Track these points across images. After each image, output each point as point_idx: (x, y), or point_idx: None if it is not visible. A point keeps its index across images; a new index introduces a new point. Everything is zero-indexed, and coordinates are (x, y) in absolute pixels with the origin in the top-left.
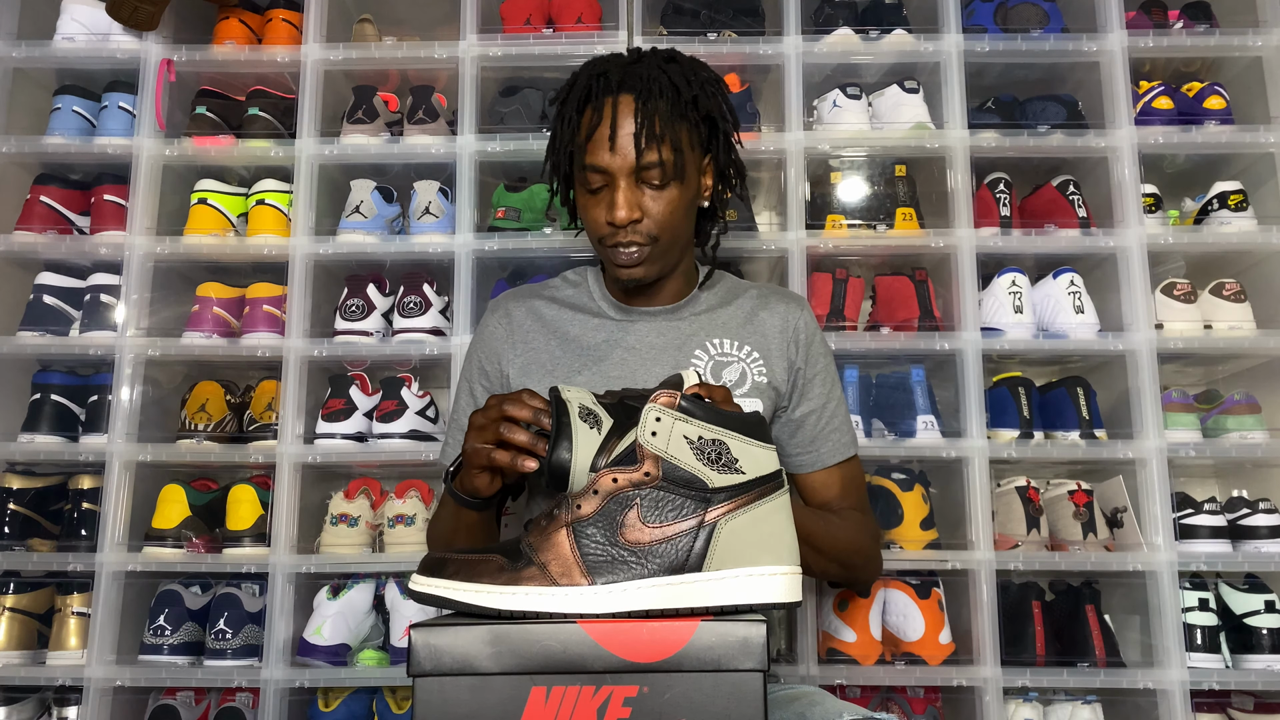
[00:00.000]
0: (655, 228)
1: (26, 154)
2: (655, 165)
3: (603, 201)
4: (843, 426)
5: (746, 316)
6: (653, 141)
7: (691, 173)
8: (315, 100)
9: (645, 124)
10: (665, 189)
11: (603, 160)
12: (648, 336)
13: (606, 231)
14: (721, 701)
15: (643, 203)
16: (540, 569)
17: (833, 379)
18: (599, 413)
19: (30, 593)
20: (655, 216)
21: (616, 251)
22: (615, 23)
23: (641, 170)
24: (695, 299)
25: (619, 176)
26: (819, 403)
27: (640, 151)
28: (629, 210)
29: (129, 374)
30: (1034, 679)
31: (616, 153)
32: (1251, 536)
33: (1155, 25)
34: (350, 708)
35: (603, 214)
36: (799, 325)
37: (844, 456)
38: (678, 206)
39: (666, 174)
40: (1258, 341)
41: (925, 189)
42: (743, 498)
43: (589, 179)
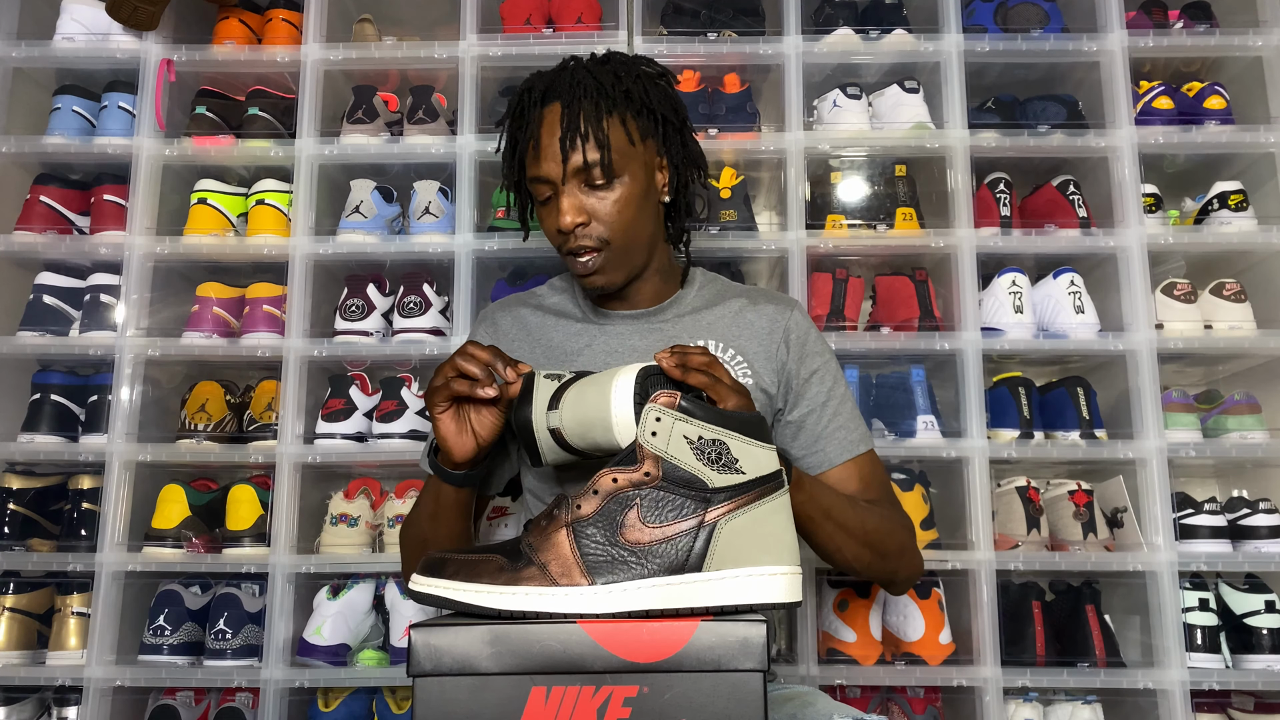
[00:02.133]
0: (605, 229)
1: (26, 154)
2: (585, 167)
3: (553, 210)
4: (849, 424)
5: (733, 318)
6: (578, 141)
7: (636, 169)
8: (315, 100)
9: (570, 126)
10: (608, 188)
11: (540, 170)
12: (629, 339)
13: (560, 240)
14: (721, 702)
15: (587, 205)
16: (540, 569)
17: (833, 377)
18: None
19: (30, 593)
20: (603, 218)
21: (574, 260)
22: (615, 23)
23: (576, 173)
24: (679, 300)
25: (558, 183)
26: (818, 401)
27: (567, 155)
28: (573, 215)
29: (129, 374)
30: (1034, 679)
31: (549, 159)
32: (1251, 536)
33: (1155, 25)
34: (350, 708)
35: (553, 223)
36: (788, 326)
37: (853, 453)
38: (626, 205)
39: (603, 172)
40: (1258, 341)
41: (925, 189)
42: (743, 498)
43: (536, 191)
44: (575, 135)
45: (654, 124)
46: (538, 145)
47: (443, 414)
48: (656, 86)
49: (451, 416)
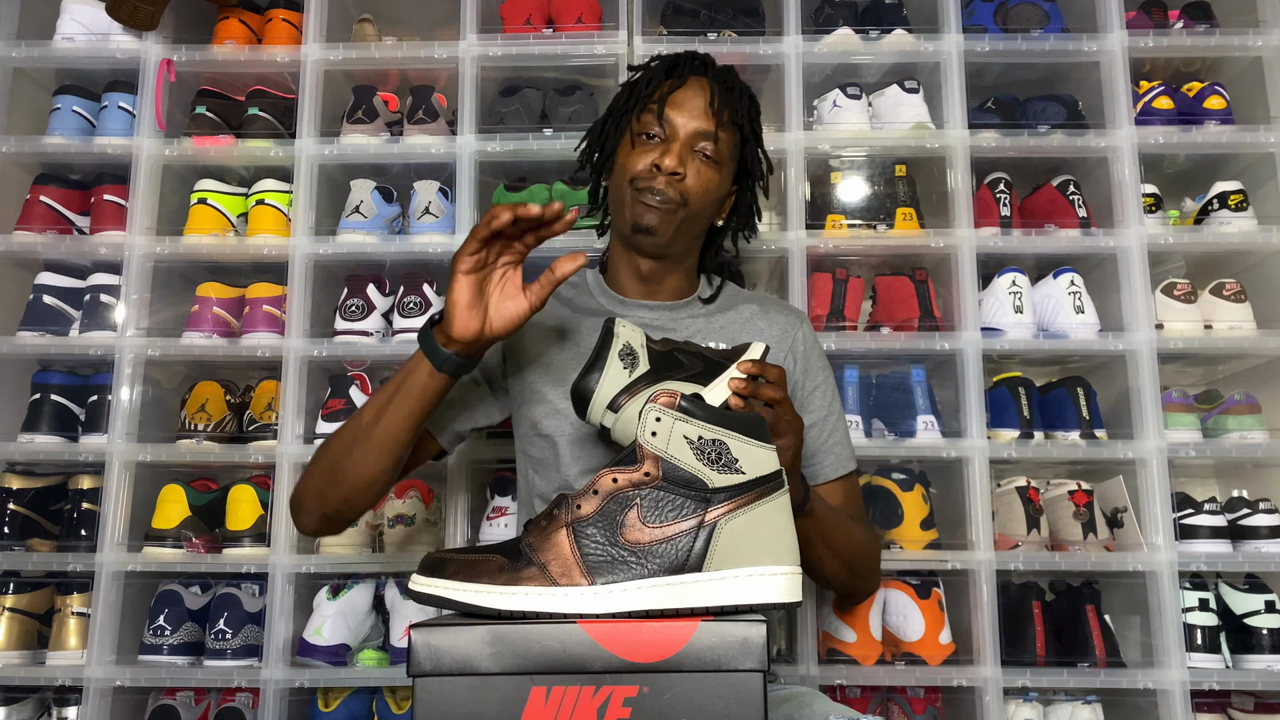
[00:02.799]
0: (689, 190)
1: (26, 154)
2: (711, 136)
3: (652, 150)
4: (843, 440)
5: (745, 324)
6: (725, 113)
7: (726, 173)
8: (315, 100)
9: (724, 105)
10: (710, 167)
11: (675, 115)
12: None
13: (646, 174)
14: (721, 702)
15: (689, 165)
16: (540, 569)
17: (832, 393)
18: (640, 355)
19: (30, 593)
20: (693, 183)
21: (646, 195)
22: (615, 23)
23: (701, 138)
24: (693, 304)
25: (680, 133)
26: (819, 416)
27: (709, 122)
28: (678, 162)
29: (129, 374)
30: (1034, 679)
31: (689, 113)
32: (1251, 536)
33: (1155, 25)
34: (350, 708)
35: (649, 159)
36: (798, 337)
37: (844, 471)
38: (712, 188)
39: (719, 152)
40: (1258, 341)
41: (925, 189)
42: (743, 498)
43: (650, 125)
44: (724, 108)
45: (750, 163)
46: (683, 95)
47: (468, 272)
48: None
49: (474, 281)
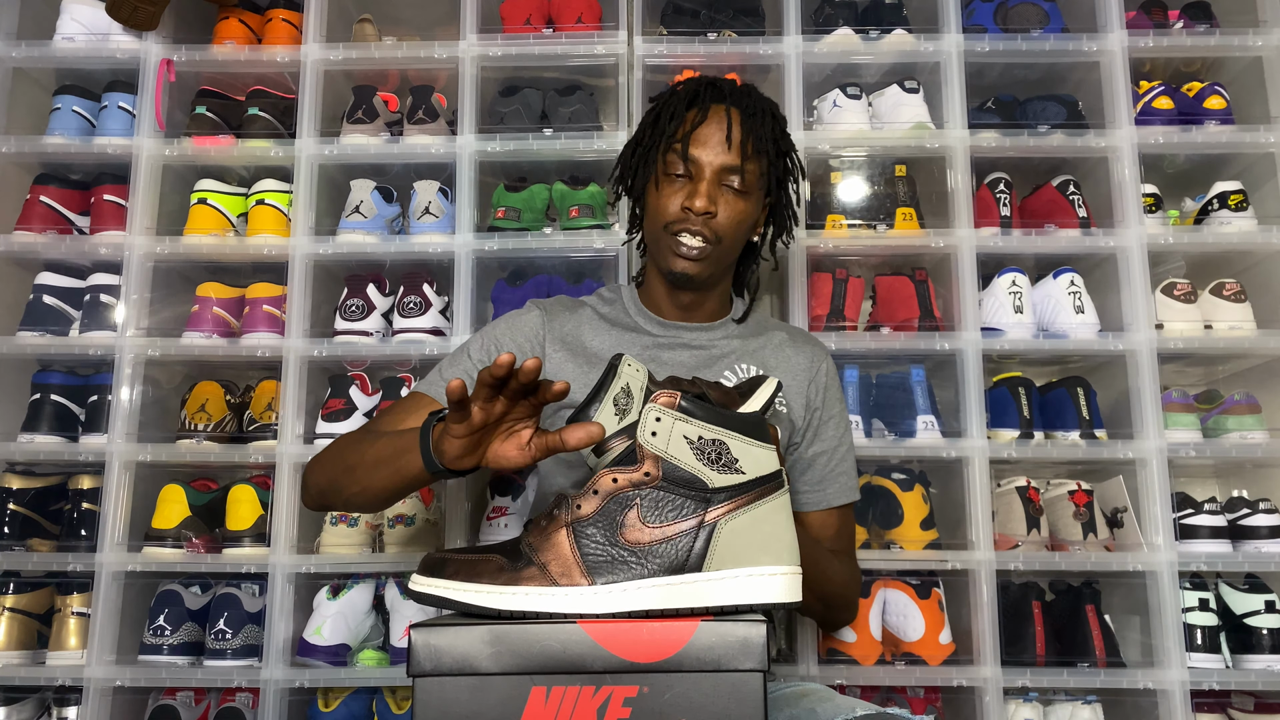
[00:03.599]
0: (722, 229)
1: (26, 154)
2: (743, 171)
3: (682, 190)
4: (850, 471)
5: (775, 350)
6: (747, 150)
7: (757, 197)
8: (315, 100)
9: (747, 134)
10: (741, 198)
11: (699, 153)
12: (680, 354)
13: (678, 217)
14: (721, 702)
15: (719, 202)
16: (540, 569)
17: (846, 424)
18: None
19: (30, 593)
20: (725, 218)
21: (679, 241)
22: (615, 23)
23: (727, 172)
24: (728, 325)
25: (707, 170)
26: (831, 444)
27: (733, 153)
28: (708, 202)
29: (129, 374)
30: (1034, 679)
31: (714, 148)
32: (1251, 536)
33: (1155, 25)
34: (350, 708)
35: (679, 200)
36: (821, 369)
37: (847, 500)
38: (744, 219)
39: (747, 183)
40: (1258, 341)
41: (925, 189)
42: (743, 498)
43: (676, 166)
44: (749, 140)
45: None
46: (706, 128)
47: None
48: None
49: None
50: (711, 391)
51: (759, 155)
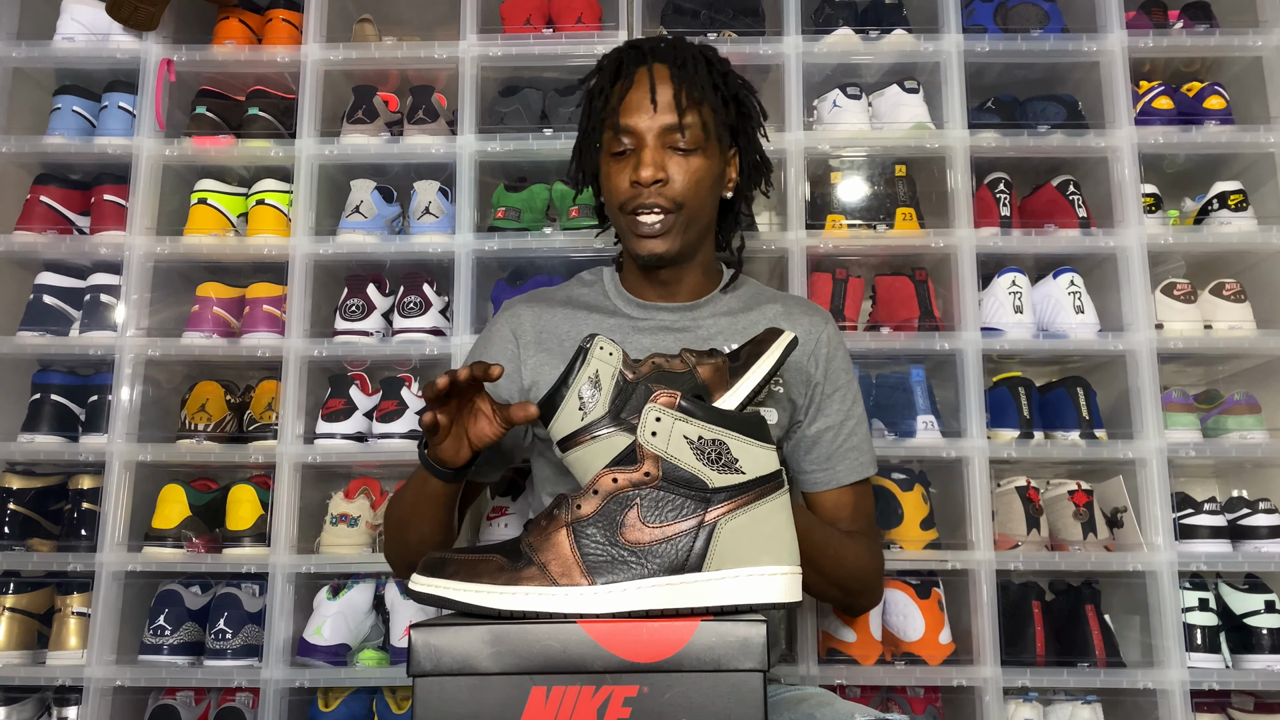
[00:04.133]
0: (679, 193)
1: (26, 154)
2: (680, 127)
3: (628, 164)
4: (862, 445)
5: (768, 324)
6: (681, 104)
7: (714, 149)
8: (315, 100)
9: (679, 87)
10: (691, 155)
11: (633, 121)
12: (663, 337)
13: (629, 195)
14: (721, 701)
15: (668, 166)
16: (540, 569)
17: (854, 396)
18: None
19: (30, 593)
20: (679, 181)
21: (637, 220)
22: (615, 23)
23: (668, 132)
24: (715, 300)
25: (647, 136)
26: (837, 419)
27: (665, 108)
28: (654, 169)
29: (129, 374)
30: (1034, 679)
31: (646, 112)
32: (1251, 536)
33: (1155, 25)
34: (350, 708)
35: (626, 176)
36: (821, 339)
37: (861, 476)
38: (702, 176)
39: (692, 137)
40: (1258, 341)
41: (925, 189)
42: (743, 498)
43: (615, 143)
44: (682, 94)
45: (740, 120)
46: (637, 96)
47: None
48: (746, 86)
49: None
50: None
51: (698, 105)
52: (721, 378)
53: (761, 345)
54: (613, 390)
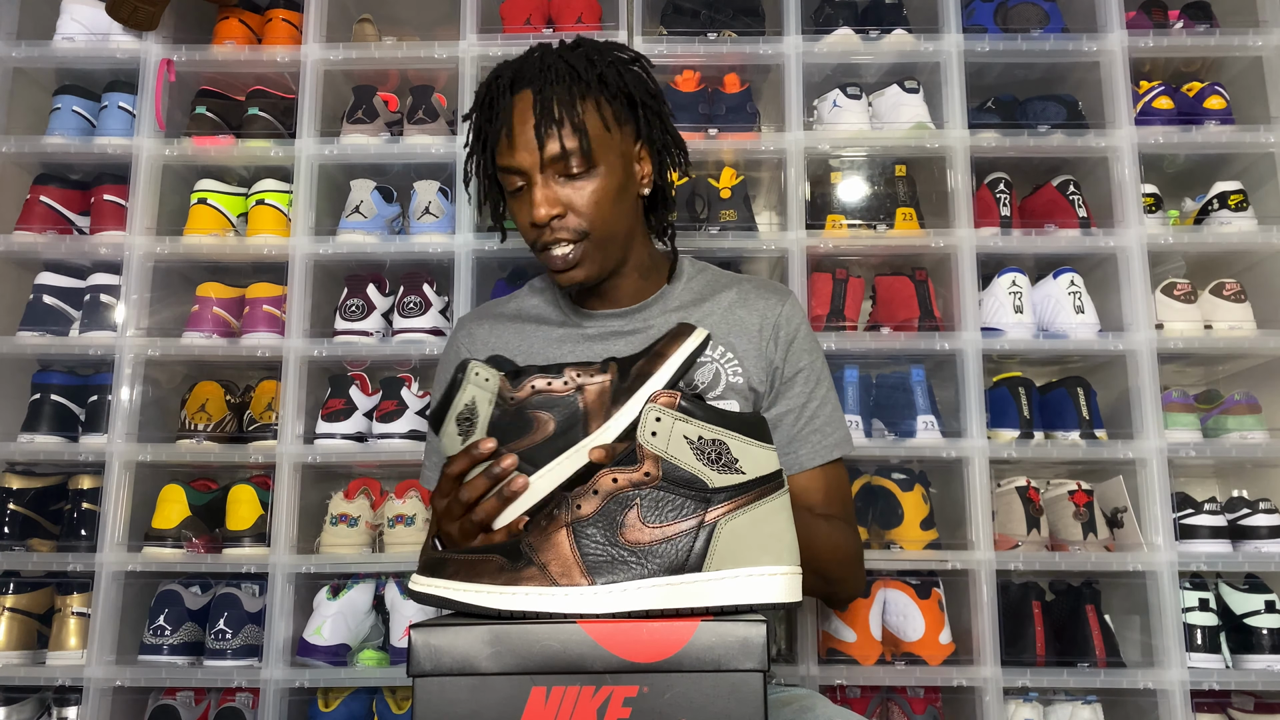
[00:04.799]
0: (583, 221)
1: (26, 154)
2: (562, 155)
3: (525, 202)
4: (826, 428)
5: (723, 314)
6: (552, 128)
7: (613, 158)
8: (315, 100)
9: (544, 113)
10: (584, 178)
11: (512, 160)
12: (613, 343)
13: (534, 235)
14: (721, 702)
15: (563, 196)
16: (540, 569)
17: (817, 378)
18: (479, 419)
19: (30, 593)
20: (580, 209)
21: (549, 255)
22: (615, 23)
23: (552, 162)
24: (666, 295)
25: (533, 174)
26: (798, 402)
27: (542, 143)
28: (547, 206)
29: (129, 374)
30: (1034, 679)
31: (522, 149)
32: (1252, 536)
33: (1155, 25)
34: (350, 708)
35: (526, 215)
36: (778, 321)
37: (825, 459)
38: (604, 196)
39: (579, 161)
40: (1258, 341)
41: (925, 189)
42: (743, 498)
43: (507, 182)
44: (550, 122)
45: (631, 110)
46: (510, 134)
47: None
48: (631, 71)
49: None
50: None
51: (573, 124)
52: (602, 404)
53: (656, 359)
54: (491, 415)
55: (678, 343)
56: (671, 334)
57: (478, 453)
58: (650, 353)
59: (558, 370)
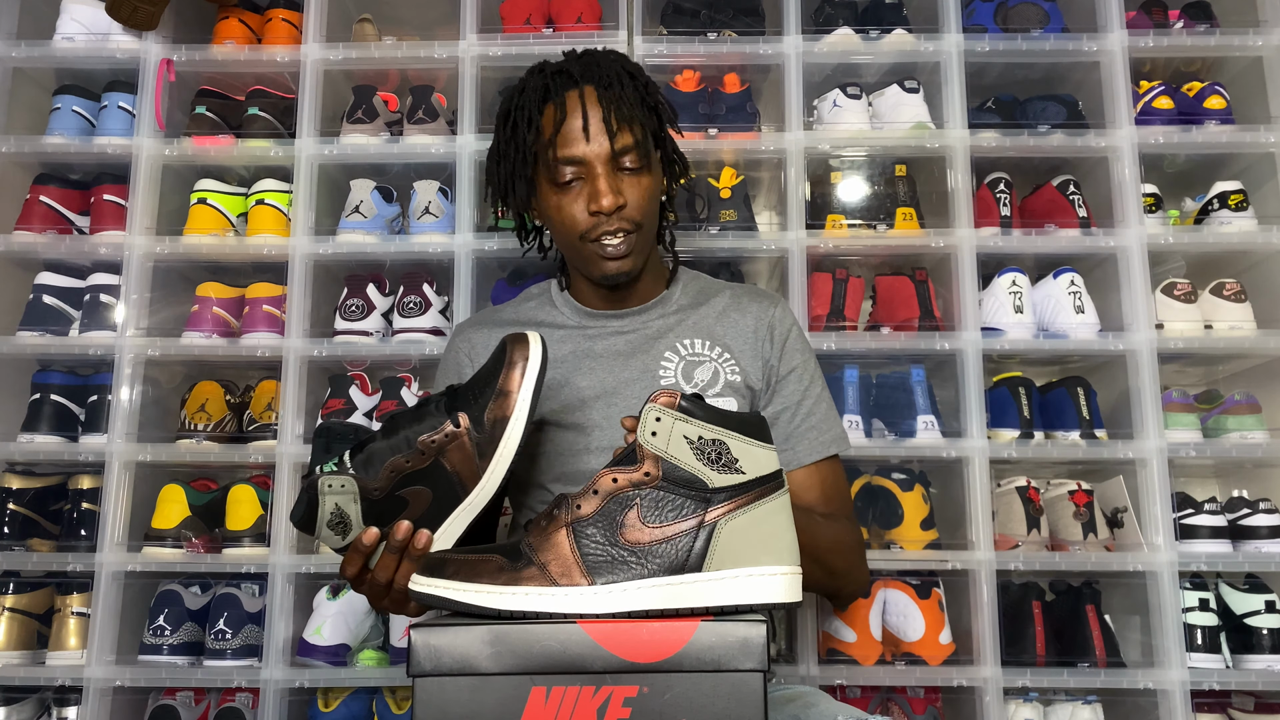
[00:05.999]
0: (637, 213)
1: (26, 154)
2: (631, 148)
3: (580, 195)
4: (822, 425)
5: (718, 316)
6: (624, 124)
7: (656, 159)
8: (315, 100)
9: (614, 109)
10: (640, 173)
11: (578, 151)
12: (614, 343)
13: (590, 224)
14: (721, 702)
15: (623, 189)
16: (540, 569)
17: (810, 376)
18: (351, 516)
19: (30, 593)
20: (635, 202)
21: (602, 244)
22: (615, 22)
23: (619, 155)
24: (666, 299)
25: (597, 164)
26: (794, 399)
27: (614, 136)
28: (614, 196)
29: (129, 374)
30: (1034, 679)
31: (592, 140)
32: (1252, 536)
33: (1155, 25)
34: (350, 708)
35: (583, 207)
36: (772, 322)
37: (822, 455)
38: (654, 193)
39: (640, 156)
40: (1258, 341)
41: (925, 189)
42: (743, 498)
43: (561, 173)
44: (621, 116)
45: (660, 124)
46: (585, 125)
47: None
48: (655, 91)
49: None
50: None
51: (631, 122)
52: (468, 462)
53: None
54: (362, 509)
55: (515, 371)
56: (505, 362)
57: (365, 546)
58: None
59: (405, 442)
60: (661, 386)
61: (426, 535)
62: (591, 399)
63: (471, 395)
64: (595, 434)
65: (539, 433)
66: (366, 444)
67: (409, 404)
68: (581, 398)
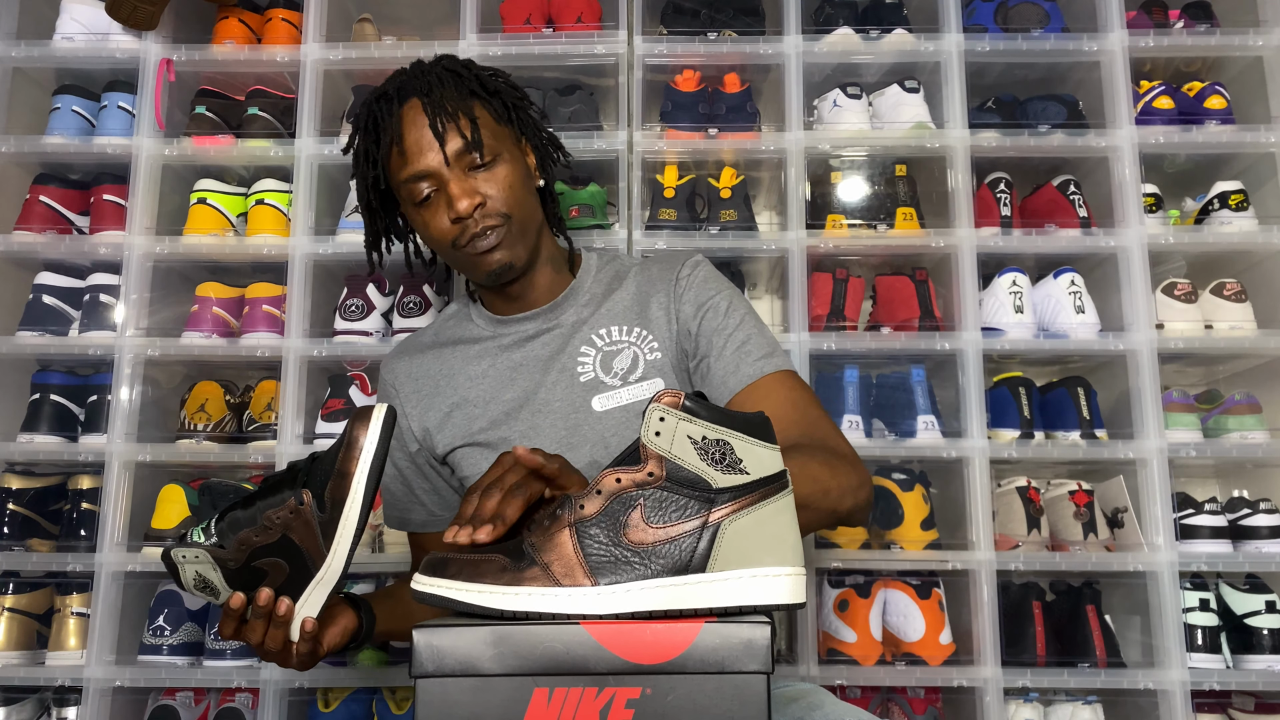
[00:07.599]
0: (502, 205)
1: (26, 154)
2: (467, 146)
3: (438, 206)
4: (756, 340)
5: (633, 298)
6: (450, 123)
7: (509, 147)
8: (315, 100)
9: (438, 112)
10: (492, 166)
11: (419, 166)
12: (533, 348)
13: (456, 231)
14: (725, 703)
15: (478, 188)
16: (543, 569)
17: (728, 304)
18: (215, 581)
19: (30, 593)
20: (496, 194)
21: (474, 244)
22: (615, 22)
23: (458, 157)
24: (576, 291)
25: (443, 172)
26: (719, 324)
27: (444, 139)
28: (468, 198)
29: (128, 374)
30: (1034, 679)
31: (426, 151)
32: (1252, 537)
33: (1156, 25)
34: (350, 708)
35: (444, 216)
36: (677, 277)
37: (766, 370)
38: (514, 180)
39: (487, 147)
40: (1258, 341)
41: (925, 189)
42: (747, 498)
43: (415, 191)
44: (446, 118)
45: (507, 110)
46: (405, 143)
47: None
48: (494, 78)
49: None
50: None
51: (469, 115)
52: (314, 540)
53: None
54: (223, 575)
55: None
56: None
57: (233, 611)
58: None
59: (254, 516)
60: (580, 383)
61: (286, 604)
62: (515, 409)
63: (320, 470)
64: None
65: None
66: (231, 510)
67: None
68: (505, 410)
